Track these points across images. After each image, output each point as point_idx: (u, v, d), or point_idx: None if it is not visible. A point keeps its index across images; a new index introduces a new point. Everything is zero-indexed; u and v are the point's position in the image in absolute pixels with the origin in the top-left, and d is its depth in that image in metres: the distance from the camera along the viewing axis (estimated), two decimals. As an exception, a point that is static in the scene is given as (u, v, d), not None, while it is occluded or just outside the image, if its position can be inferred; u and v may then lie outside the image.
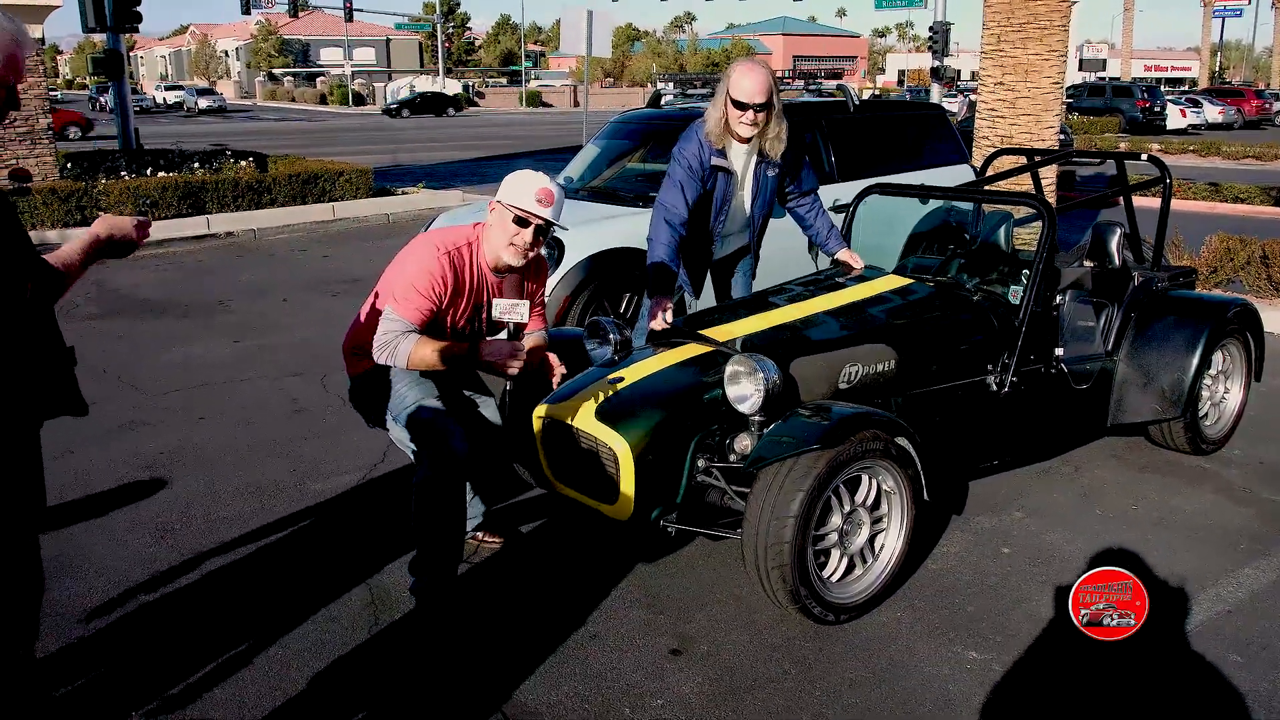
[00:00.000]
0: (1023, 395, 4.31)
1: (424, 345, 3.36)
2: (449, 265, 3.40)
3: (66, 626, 3.48)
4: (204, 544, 4.13)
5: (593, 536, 4.20)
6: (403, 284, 3.34)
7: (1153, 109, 35.48)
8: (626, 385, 3.73)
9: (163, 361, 6.87)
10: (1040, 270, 4.36)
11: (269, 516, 4.41)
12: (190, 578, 3.86)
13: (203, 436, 5.38)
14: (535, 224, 3.46)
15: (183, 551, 4.06)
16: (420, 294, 3.33)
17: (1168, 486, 4.77)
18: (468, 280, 3.50)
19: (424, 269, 3.35)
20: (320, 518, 4.40)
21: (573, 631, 3.51)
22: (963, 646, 3.43)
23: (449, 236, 3.48)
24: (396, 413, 3.48)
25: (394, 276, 3.49)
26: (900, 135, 8.02)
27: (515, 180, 3.51)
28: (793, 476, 3.28)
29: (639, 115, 7.96)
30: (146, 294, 9.17)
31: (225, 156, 15.02)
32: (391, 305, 3.33)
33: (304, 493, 4.65)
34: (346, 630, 3.50)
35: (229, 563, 3.99)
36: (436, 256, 3.37)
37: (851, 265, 4.78)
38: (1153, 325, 4.86)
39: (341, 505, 4.53)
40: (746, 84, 4.21)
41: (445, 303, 3.42)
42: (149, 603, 3.67)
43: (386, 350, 3.34)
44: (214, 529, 4.27)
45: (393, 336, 3.32)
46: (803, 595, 3.35)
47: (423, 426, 3.41)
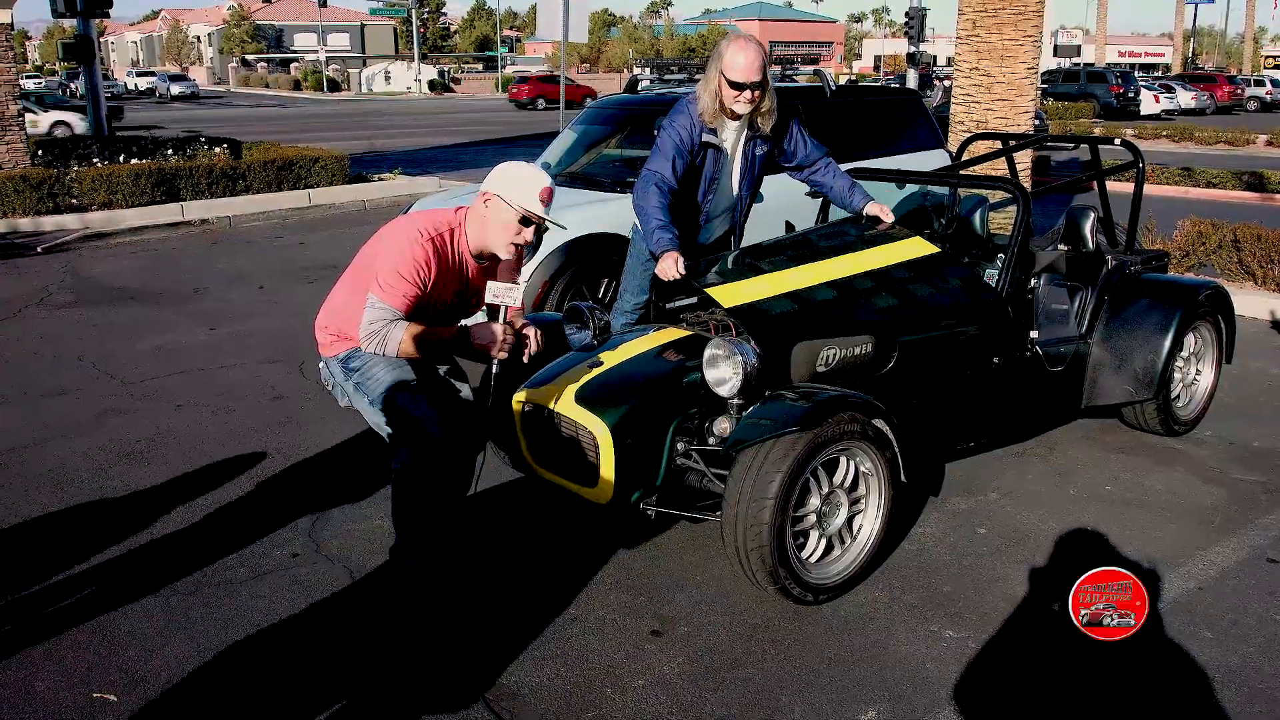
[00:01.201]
0: (998, 377, 4.35)
1: (413, 332, 3.34)
2: (433, 251, 3.37)
3: (42, 617, 3.47)
4: (182, 531, 4.12)
5: (572, 520, 4.21)
6: (387, 271, 3.30)
7: (1126, 94, 35.68)
8: (606, 369, 3.75)
9: (139, 349, 6.82)
10: (1015, 254, 4.40)
11: (248, 504, 4.40)
12: (168, 564, 3.85)
13: (180, 424, 5.36)
14: (536, 223, 3.45)
15: (160, 538, 4.05)
16: (406, 280, 3.31)
17: (1140, 467, 4.83)
18: (451, 265, 3.48)
19: (408, 255, 3.32)
20: (299, 502, 4.39)
21: (554, 614, 3.52)
22: (940, 625, 3.47)
23: (432, 221, 3.44)
24: (372, 395, 3.45)
25: (376, 257, 3.43)
26: (876, 120, 8.04)
27: (516, 177, 3.44)
28: (771, 459, 3.30)
29: (616, 100, 7.95)
30: (121, 282, 9.09)
31: (199, 143, 14.89)
32: (377, 293, 3.30)
33: (284, 479, 4.64)
34: (325, 613, 3.50)
35: (207, 548, 3.98)
36: (421, 242, 3.34)
37: (882, 219, 4.60)
38: (1126, 308, 4.91)
39: (320, 489, 4.52)
40: (742, 62, 4.15)
41: (429, 288, 3.40)
42: (126, 590, 3.66)
43: (376, 340, 3.31)
44: (193, 518, 4.26)
45: (381, 325, 3.30)
46: (781, 576, 3.38)
47: (398, 411, 3.40)
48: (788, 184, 6.80)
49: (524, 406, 3.83)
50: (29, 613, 3.50)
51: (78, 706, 3.00)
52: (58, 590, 3.65)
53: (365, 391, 3.48)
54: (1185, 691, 3.15)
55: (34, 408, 5.61)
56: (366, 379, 3.47)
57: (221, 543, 4.03)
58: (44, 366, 6.43)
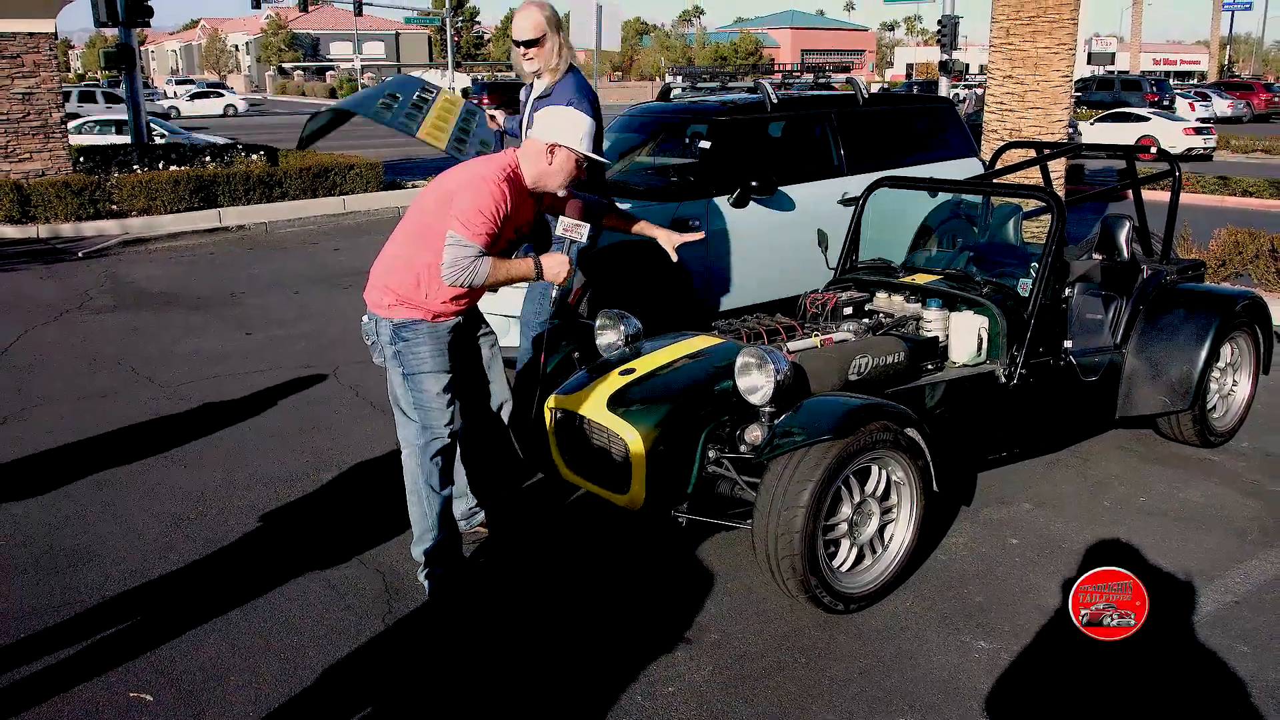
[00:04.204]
0: (1031, 387, 4.32)
1: (498, 267, 3.49)
2: (506, 192, 3.51)
3: (86, 614, 3.52)
4: (219, 534, 4.17)
5: (601, 525, 4.22)
6: (468, 209, 3.43)
7: (1161, 103, 35.30)
8: (638, 376, 3.75)
9: (176, 353, 6.90)
10: (1049, 263, 4.37)
11: (283, 506, 4.44)
12: (206, 567, 3.89)
13: (217, 428, 5.42)
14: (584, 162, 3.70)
15: (198, 541, 4.10)
16: (486, 218, 3.43)
17: (1175, 478, 4.77)
18: (517, 202, 3.61)
19: (487, 194, 3.45)
20: (334, 508, 4.43)
21: (583, 621, 3.53)
22: (971, 636, 3.44)
23: (494, 165, 3.57)
24: (409, 369, 3.57)
25: (447, 201, 3.51)
26: (909, 128, 8.01)
27: (571, 121, 3.64)
28: (803, 467, 3.29)
29: (649, 109, 7.97)
30: (160, 287, 9.21)
31: (236, 150, 15.06)
32: (460, 231, 3.41)
33: (317, 483, 4.69)
34: (360, 619, 3.53)
35: (244, 553, 4.02)
36: (498, 182, 3.48)
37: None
38: (1161, 318, 4.86)
39: (354, 495, 4.56)
40: (517, 22, 4.71)
41: (502, 224, 3.53)
42: (166, 591, 3.71)
43: (465, 274, 3.42)
44: (229, 520, 4.30)
45: (469, 262, 3.41)
46: (812, 585, 3.37)
47: (428, 396, 3.57)
48: (817, 193, 6.83)
49: (555, 413, 3.84)
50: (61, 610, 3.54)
51: (115, 705, 3.04)
52: (91, 586, 3.70)
53: (403, 363, 3.58)
54: (1221, 708, 3.10)
55: (75, 409, 5.69)
56: (411, 353, 3.56)
57: (257, 547, 4.07)
58: (85, 369, 6.52)
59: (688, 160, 7.00)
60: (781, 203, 6.65)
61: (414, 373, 3.56)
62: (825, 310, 4.44)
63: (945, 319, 4.38)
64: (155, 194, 12.53)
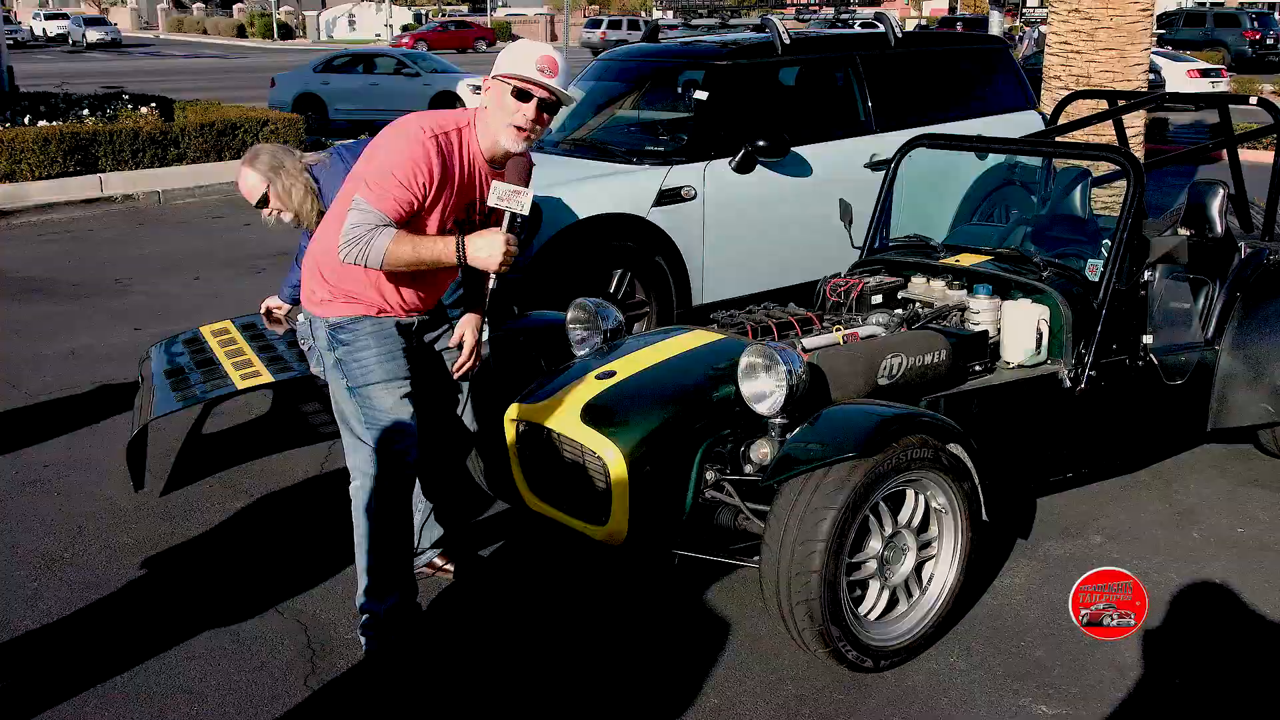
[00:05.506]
0: (1103, 393, 4.34)
1: (403, 241, 3.28)
2: (435, 151, 3.33)
3: None
4: (100, 577, 4.15)
5: (575, 564, 4.22)
6: (377, 170, 3.28)
7: (1265, 41, 35.50)
8: (619, 381, 3.75)
9: (48, 354, 6.88)
10: (1124, 240, 4.39)
11: (183, 544, 4.43)
12: (84, 619, 3.87)
13: (96, 446, 5.40)
14: (539, 96, 3.39)
15: (73, 586, 4.08)
16: (399, 182, 3.26)
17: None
18: (458, 170, 3.43)
19: (404, 153, 3.29)
20: (245, 545, 4.42)
21: (549, 681, 3.53)
22: (1030, 699, 3.46)
23: (437, 119, 3.41)
24: (353, 382, 3.47)
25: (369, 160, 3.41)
26: (952, 75, 8.03)
27: (512, 49, 3.46)
28: (822, 492, 3.30)
29: (632, 52, 7.98)
30: (26, 271, 9.17)
31: (122, 101, 14.99)
32: (364, 194, 3.26)
33: (225, 513, 4.67)
34: (276, 682, 3.52)
35: (132, 600, 4.01)
36: (422, 140, 3.31)
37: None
38: (1263, 307, 4.88)
39: (270, 530, 4.55)
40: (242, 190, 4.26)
41: (429, 196, 3.35)
42: (32, 649, 3.69)
43: (357, 247, 3.25)
44: (112, 560, 4.29)
45: (365, 231, 3.24)
46: (834, 637, 3.37)
47: (377, 415, 3.46)
48: (839, 155, 6.85)
49: (519, 426, 3.84)
50: None
51: None
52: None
53: (346, 374, 3.49)
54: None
55: (-80, 425, 5.67)
56: (353, 361, 3.47)
57: (148, 593, 4.06)
58: (-68, 375, 6.49)
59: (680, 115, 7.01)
60: (795, 167, 6.67)
61: (361, 385, 3.46)
62: (849, 299, 4.46)
63: (996, 309, 4.40)
64: (19, 155, 12.42)
